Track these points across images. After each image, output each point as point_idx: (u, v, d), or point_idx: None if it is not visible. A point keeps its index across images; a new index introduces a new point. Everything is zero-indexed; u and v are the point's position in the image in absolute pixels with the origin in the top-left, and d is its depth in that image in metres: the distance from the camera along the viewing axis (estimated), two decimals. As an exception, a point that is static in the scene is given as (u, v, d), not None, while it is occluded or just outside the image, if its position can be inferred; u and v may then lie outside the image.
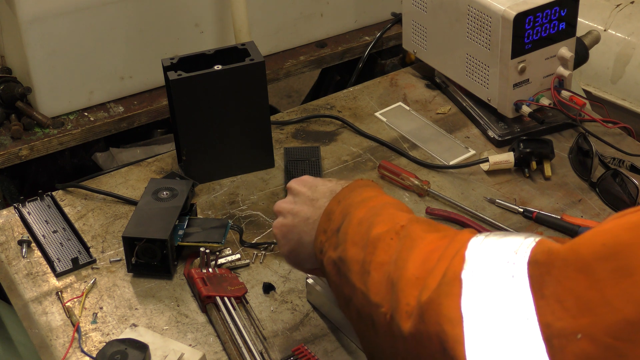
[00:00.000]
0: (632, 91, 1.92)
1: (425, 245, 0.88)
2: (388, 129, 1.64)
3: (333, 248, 0.99)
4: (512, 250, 0.79)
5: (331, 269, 0.99)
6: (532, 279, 0.75)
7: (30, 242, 1.40)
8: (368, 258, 0.92)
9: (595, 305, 0.70)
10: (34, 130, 1.67)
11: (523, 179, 1.50)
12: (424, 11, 1.68)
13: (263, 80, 1.47)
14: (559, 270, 0.73)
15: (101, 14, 1.66)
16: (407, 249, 0.88)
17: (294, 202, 1.11)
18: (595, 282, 0.70)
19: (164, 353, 1.16)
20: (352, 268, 0.94)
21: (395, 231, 0.92)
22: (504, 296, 0.76)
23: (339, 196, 1.04)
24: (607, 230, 0.72)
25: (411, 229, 0.91)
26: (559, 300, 0.72)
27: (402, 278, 0.86)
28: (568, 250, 0.74)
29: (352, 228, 0.97)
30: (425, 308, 0.81)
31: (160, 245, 1.30)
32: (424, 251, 0.87)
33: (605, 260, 0.70)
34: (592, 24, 1.95)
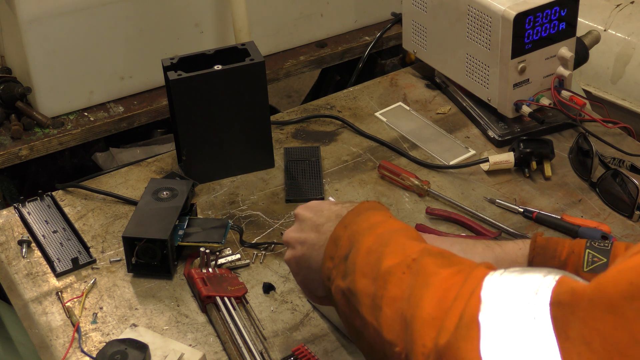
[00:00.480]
0: (632, 91, 1.92)
1: (440, 282, 0.85)
2: (388, 129, 1.64)
3: (341, 277, 0.97)
4: (531, 290, 0.76)
5: (340, 299, 0.97)
6: (555, 321, 0.73)
7: (30, 242, 1.40)
8: (379, 292, 0.90)
9: (624, 346, 0.68)
10: (34, 130, 1.67)
11: (523, 179, 1.50)
12: (424, 11, 1.68)
13: (263, 80, 1.47)
14: (584, 310, 0.71)
15: (101, 14, 1.66)
16: (421, 285, 0.86)
17: (301, 230, 1.09)
18: (623, 322, 0.68)
19: (164, 353, 1.16)
20: (363, 301, 0.92)
21: (407, 265, 0.89)
22: (526, 339, 0.74)
23: (345, 220, 1.01)
24: (634, 268, 0.70)
25: (424, 263, 0.88)
26: (585, 342, 0.70)
27: (418, 318, 0.83)
28: (593, 290, 0.71)
29: (361, 258, 0.95)
30: (443, 352, 0.79)
31: (161, 245, 1.30)
32: (439, 289, 0.84)
33: (634, 299, 0.68)
34: (592, 24, 1.95)
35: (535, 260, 1.13)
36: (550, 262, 1.12)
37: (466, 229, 1.39)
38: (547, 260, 1.12)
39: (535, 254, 1.14)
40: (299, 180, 1.51)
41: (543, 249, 1.13)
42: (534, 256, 1.14)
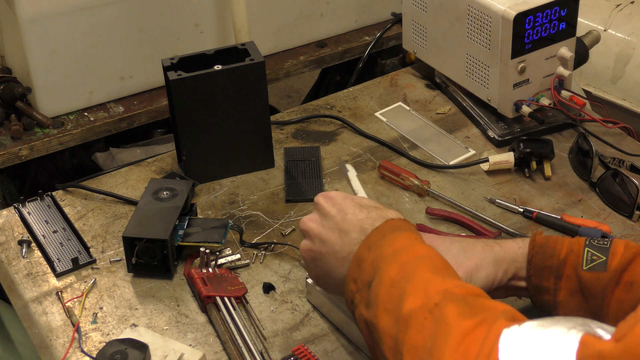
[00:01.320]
0: (632, 91, 1.92)
1: (461, 335, 0.83)
2: (388, 129, 1.64)
3: (365, 305, 0.97)
4: (554, 355, 0.75)
5: (364, 327, 0.98)
6: None
7: (30, 242, 1.40)
8: (401, 337, 0.89)
9: None
10: (34, 130, 1.67)
11: (523, 179, 1.50)
12: (424, 11, 1.68)
13: (263, 80, 1.47)
14: None
15: (101, 14, 1.66)
16: (442, 336, 0.84)
17: (322, 226, 1.08)
18: None
19: (164, 353, 1.16)
20: (385, 340, 0.92)
21: (429, 309, 0.88)
22: None
23: (370, 241, 1.01)
24: None
25: (446, 310, 0.87)
26: None
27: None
28: (621, 352, 0.70)
29: (384, 290, 0.94)
30: None
31: (161, 245, 1.30)
32: (461, 344, 0.83)
33: None
34: (592, 24, 1.95)
35: (534, 259, 1.13)
36: (549, 261, 1.12)
37: (466, 229, 1.39)
38: (546, 259, 1.12)
39: (534, 253, 1.14)
40: (299, 180, 1.51)
41: (542, 248, 1.13)
42: (533, 255, 1.14)
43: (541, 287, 1.13)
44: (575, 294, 1.10)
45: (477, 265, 1.13)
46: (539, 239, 1.14)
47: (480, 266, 1.13)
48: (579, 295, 1.10)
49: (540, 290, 1.13)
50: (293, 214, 1.44)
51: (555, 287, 1.11)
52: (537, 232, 1.16)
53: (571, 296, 1.10)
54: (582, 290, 1.09)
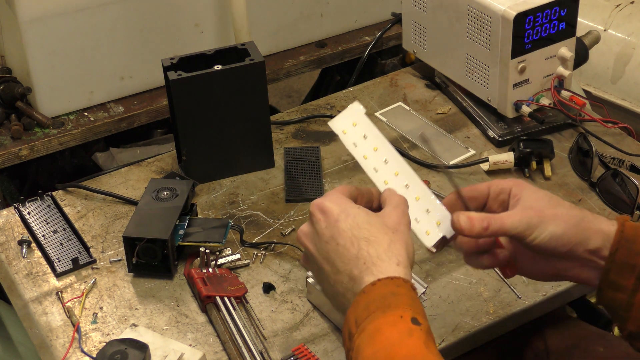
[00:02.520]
0: (632, 91, 1.92)
1: None
2: (388, 129, 1.64)
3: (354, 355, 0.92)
4: None
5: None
6: None
7: (30, 242, 1.40)
8: None
9: None
10: (34, 130, 1.67)
11: (523, 179, 1.50)
12: (424, 11, 1.68)
13: (263, 80, 1.47)
14: None
15: (101, 14, 1.66)
16: None
17: (316, 248, 1.00)
18: None
19: (164, 353, 1.16)
20: None
21: None
22: None
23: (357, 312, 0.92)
24: None
25: None
26: None
27: None
28: None
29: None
30: None
31: (161, 245, 1.30)
32: None
33: None
34: (592, 24, 1.95)
35: (618, 254, 1.01)
36: (634, 259, 1.00)
37: (466, 229, 1.39)
38: (632, 257, 1.00)
39: (619, 246, 1.01)
40: (299, 180, 1.51)
41: (629, 242, 1.01)
42: (617, 248, 1.01)
43: (617, 284, 1.01)
44: None
45: (556, 215, 1.02)
46: (628, 231, 1.01)
47: (557, 217, 1.02)
48: None
49: (615, 286, 1.01)
50: (293, 214, 1.44)
51: (634, 287, 1.00)
52: (625, 218, 1.03)
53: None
54: None
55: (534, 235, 1.01)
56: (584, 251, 1.02)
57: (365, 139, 1.09)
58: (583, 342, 1.29)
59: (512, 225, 1.01)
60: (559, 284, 1.29)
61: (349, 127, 1.11)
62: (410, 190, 1.07)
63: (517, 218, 1.01)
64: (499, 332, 1.26)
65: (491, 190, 1.07)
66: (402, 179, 1.07)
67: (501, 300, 1.27)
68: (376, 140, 1.09)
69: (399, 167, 1.08)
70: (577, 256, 1.03)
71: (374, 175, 1.08)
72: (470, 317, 1.24)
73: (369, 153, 1.09)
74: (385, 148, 1.09)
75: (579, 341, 1.29)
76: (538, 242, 1.01)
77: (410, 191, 1.06)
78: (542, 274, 1.08)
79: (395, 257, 0.95)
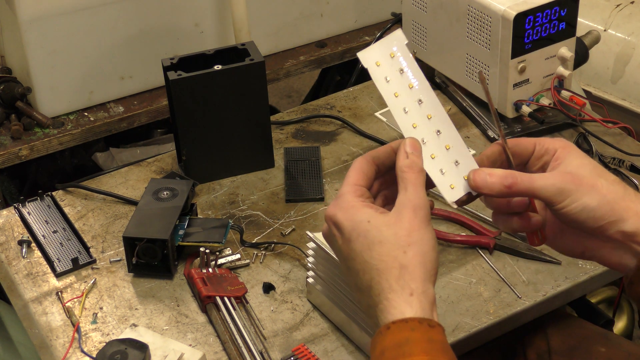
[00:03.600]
0: (632, 91, 1.92)
1: None
2: (388, 129, 1.64)
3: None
4: None
5: None
6: None
7: (30, 242, 1.40)
8: None
9: None
10: (34, 130, 1.67)
11: (523, 179, 1.50)
12: (424, 11, 1.68)
13: (263, 80, 1.47)
14: None
15: (101, 14, 1.66)
16: None
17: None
18: None
19: (164, 353, 1.16)
20: None
21: None
22: None
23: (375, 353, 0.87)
24: None
25: None
26: None
27: None
28: None
29: None
30: None
31: (161, 245, 1.30)
32: None
33: None
34: (592, 24, 1.95)
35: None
36: None
37: (466, 229, 1.39)
38: None
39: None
40: (299, 180, 1.51)
41: None
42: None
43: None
44: None
45: (594, 186, 0.92)
46: None
47: (596, 188, 0.92)
48: None
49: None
50: (293, 214, 1.44)
51: None
52: None
53: None
54: None
55: (566, 202, 0.92)
56: (616, 232, 0.92)
57: (402, 73, 0.98)
58: (585, 342, 1.29)
59: (542, 187, 0.92)
60: (559, 284, 1.29)
61: (384, 58, 0.99)
62: (442, 137, 0.96)
63: (550, 181, 0.92)
64: (499, 332, 1.26)
65: (536, 148, 0.98)
66: (434, 124, 0.97)
67: (501, 300, 1.27)
68: (414, 76, 0.97)
69: (434, 109, 0.97)
70: (608, 236, 0.93)
71: (402, 117, 0.97)
72: (470, 317, 1.24)
73: (402, 90, 0.97)
74: (423, 86, 0.97)
75: (581, 341, 1.29)
76: (567, 211, 0.92)
77: (441, 139, 0.96)
78: (569, 249, 1.00)
79: (408, 285, 0.88)
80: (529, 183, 0.92)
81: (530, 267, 1.32)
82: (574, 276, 1.30)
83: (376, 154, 0.99)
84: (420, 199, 0.93)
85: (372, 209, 0.93)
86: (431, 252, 0.91)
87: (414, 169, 0.94)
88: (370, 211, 0.93)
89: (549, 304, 1.29)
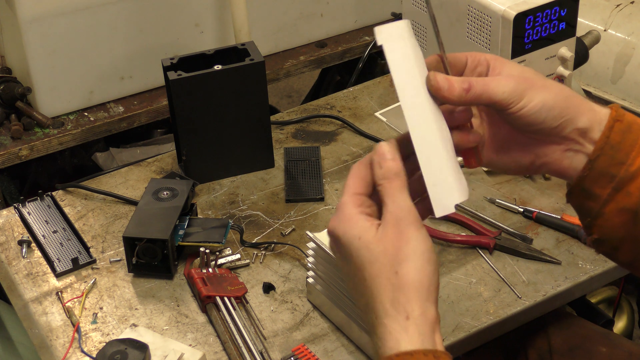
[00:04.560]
0: (632, 91, 1.92)
1: None
2: (388, 129, 1.64)
3: None
4: None
5: None
6: None
7: (30, 242, 1.40)
8: None
9: None
10: (34, 130, 1.67)
11: (523, 179, 1.50)
12: (424, 11, 1.68)
13: (263, 80, 1.47)
14: None
15: (101, 14, 1.66)
16: None
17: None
18: None
19: (164, 353, 1.16)
20: None
21: None
22: None
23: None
24: None
25: None
26: None
27: None
28: None
29: None
30: None
31: (161, 245, 1.30)
32: None
33: None
34: (592, 24, 1.95)
35: (598, 161, 0.91)
36: (615, 169, 0.90)
37: (466, 229, 1.39)
38: (613, 166, 0.90)
39: (601, 153, 0.90)
40: (299, 180, 1.51)
41: (614, 150, 0.90)
42: (599, 155, 0.91)
43: (590, 192, 0.92)
44: (626, 213, 0.91)
45: (545, 85, 0.90)
46: (615, 136, 0.90)
47: (547, 87, 0.90)
48: (630, 215, 0.91)
49: (588, 195, 0.93)
50: (293, 214, 1.44)
51: (608, 198, 0.91)
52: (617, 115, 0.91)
53: (620, 214, 0.91)
54: (639, 213, 0.90)
55: (523, 102, 0.89)
56: (572, 130, 0.91)
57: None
58: (586, 342, 1.29)
59: (497, 89, 0.89)
60: (559, 284, 1.29)
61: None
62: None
63: (502, 82, 0.89)
64: (499, 332, 1.26)
65: (469, 60, 0.94)
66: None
67: (501, 300, 1.27)
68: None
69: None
70: (564, 136, 0.91)
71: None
72: (470, 317, 1.24)
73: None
74: None
75: (582, 341, 1.29)
76: (526, 111, 0.89)
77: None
78: (516, 163, 0.96)
79: (404, 308, 0.82)
80: (483, 85, 0.89)
81: (530, 267, 1.32)
82: (574, 276, 1.30)
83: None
84: (401, 208, 0.86)
85: (367, 222, 0.87)
86: (427, 266, 0.83)
87: (388, 177, 0.88)
88: (364, 225, 0.86)
89: (549, 304, 1.29)
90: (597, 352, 1.27)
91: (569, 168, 0.94)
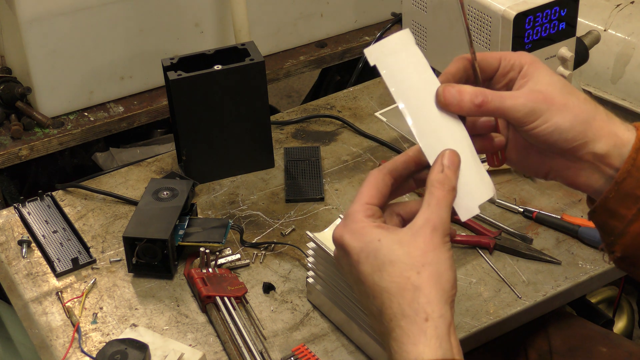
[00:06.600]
0: (632, 91, 1.91)
1: None
2: (388, 129, 1.64)
3: None
4: None
5: None
6: None
7: (30, 242, 1.40)
8: None
9: None
10: (34, 130, 1.67)
11: (523, 179, 1.50)
12: (424, 11, 1.68)
13: (263, 80, 1.47)
14: None
15: (101, 14, 1.66)
16: None
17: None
18: None
19: (164, 353, 1.16)
20: None
21: None
22: None
23: None
24: None
25: None
26: None
27: None
28: None
29: None
30: None
31: (161, 245, 1.30)
32: None
33: None
34: (592, 24, 1.95)
35: (625, 183, 0.88)
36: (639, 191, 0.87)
37: (466, 229, 1.39)
38: (638, 188, 0.88)
39: (628, 175, 0.88)
40: (299, 180, 1.51)
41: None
42: (626, 177, 0.88)
43: (615, 212, 0.90)
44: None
45: (566, 105, 0.88)
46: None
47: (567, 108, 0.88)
48: None
49: (612, 214, 0.90)
50: (293, 214, 1.44)
51: (633, 218, 0.89)
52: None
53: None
54: None
55: (537, 123, 0.87)
56: (587, 153, 0.89)
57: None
58: (586, 342, 1.29)
59: (513, 107, 0.87)
60: (559, 284, 1.29)
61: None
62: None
63: (520, 100, 0.87)
64: (499, 332, 1.26)
65: (502, 64, 0.92)
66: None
67: (501, 300, 1.27)
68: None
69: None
70: (578, 157, 0.90)
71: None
72: (470, 317, 1.24)
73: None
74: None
75: (583, 341, 1.29)
76: (539, 132, 0.88)
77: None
78: (533, 170, 0.96)
79: (423, 309, 0.81)
80: (499, 102, 0.88)
81: (530, 267, 1.32)
82: (574, 276, 1.30)
83: (394, 166, 0.93)
84: (441, 219, 0.85)
85: (382, 228, 0.86)
86: (448, 272, 0.83)
87: (445, 186, 0.86)
88: (381, 230, 0.85)
89: (549, 304, 1.29)
90: (597, 352, 1.27)
91: (585, 185, 0.92)
